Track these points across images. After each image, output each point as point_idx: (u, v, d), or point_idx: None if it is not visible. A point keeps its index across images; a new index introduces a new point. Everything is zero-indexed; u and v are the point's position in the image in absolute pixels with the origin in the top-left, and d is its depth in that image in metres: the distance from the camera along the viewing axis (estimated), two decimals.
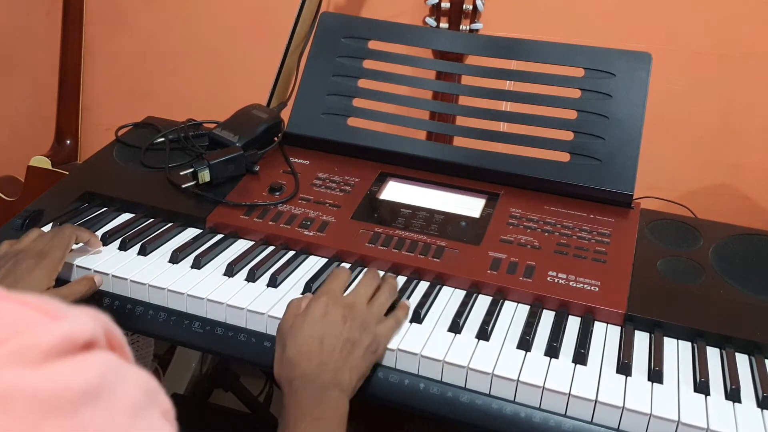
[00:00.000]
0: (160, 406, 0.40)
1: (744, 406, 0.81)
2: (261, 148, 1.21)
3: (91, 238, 1.01)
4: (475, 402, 0.83)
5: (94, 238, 1.02)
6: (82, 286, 0.95)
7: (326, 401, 0.79)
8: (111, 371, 0.37)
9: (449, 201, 1.12)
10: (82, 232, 1.00)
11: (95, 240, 1.02)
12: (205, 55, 1.80)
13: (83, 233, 1.00)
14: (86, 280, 0.96)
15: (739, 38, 1.50)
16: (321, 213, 1.09)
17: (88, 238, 1.01)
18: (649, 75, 1.12)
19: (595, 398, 0.80)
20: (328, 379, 0.81)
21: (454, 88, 1.29)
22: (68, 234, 0.96)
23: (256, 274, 0.98)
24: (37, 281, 0.89)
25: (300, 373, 0.82)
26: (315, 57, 1.26)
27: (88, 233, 1.01)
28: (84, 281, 0.96)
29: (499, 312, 0.94)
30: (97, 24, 1.81)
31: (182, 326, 0.94)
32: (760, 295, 0.96)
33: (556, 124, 1.15)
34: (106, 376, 0.37)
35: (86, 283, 0.96)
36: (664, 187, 1.49)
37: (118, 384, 0.37)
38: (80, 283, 0.96)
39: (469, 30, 1.37)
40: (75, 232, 0.98)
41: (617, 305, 0.93)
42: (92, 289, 0.96)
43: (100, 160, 1.24)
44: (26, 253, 0.93)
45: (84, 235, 1.00)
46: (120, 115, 1.42)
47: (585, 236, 1.04)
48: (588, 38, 1.23)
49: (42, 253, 0.92)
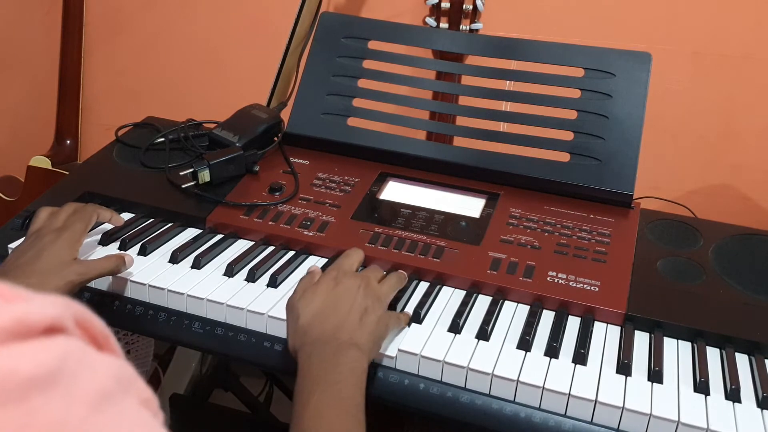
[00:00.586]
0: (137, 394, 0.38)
1: (744, 406, 0.81)
2: (261, 148, 1.21)
3: (113, 216, 1.02)
4: (475, 402, 0.83)
5: (116, 216, 1.03)
6: (111, 262, 0.93)
7: (343, 362, 0.76)
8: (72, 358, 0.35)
9: (449, 201, 1.12)
10: (104, 210, 1.01)
11: (117, 218, 1.03)
12: (205, 55, 1.80)
13: (104, 212, 1.01)
14: (117, 258, 0.94)
15: (739, 38, 1.50)
16: (321, 213, 1.09)
17: (110, 216, 1.02)
18: (649, 75, 1.12)
19: (595, 398, 0.80)
20: (345, 339, 0.78)
21: (454, 88, 1.29)
22: (90, 210, 0.97)
23: (256, 274, 0.98)
24: (59, 252, 0.89)
25: (315, 338, 0.79)
26: (315, 57, 1.26)
27: (109, 212, 1.02)
28: (114, 258, 0.94)
29: (499, 312, 0.93)
30: (97, 24, 1.81)
31: (182, 326, 0.94)
32: (760, 295, 0.96)
33: (556, 124, 1.15)
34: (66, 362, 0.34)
35: (115, 260, 0.94)
36: (664, 187, 1.50)
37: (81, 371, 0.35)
38: (109, 259, 0.94)
39: (469, 30, 1.37)
40: (96, 209, 0.99)
41: (617, 305, 0.93)
42: (120, 267, 0.94)
43: (100, 160, 1.24)
44: (48, 228, 0.94)
45: (105, 213, 1.01)
46: (120, 115, 1.42)
47: (585, 236, 1.04)
48: (588, 38, 1.23)
49: (63, 227, 0.93)
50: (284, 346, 0.90)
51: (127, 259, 0.96)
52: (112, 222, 1.03)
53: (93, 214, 0.97)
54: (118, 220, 1.03)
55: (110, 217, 1.02)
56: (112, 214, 1.02)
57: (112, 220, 1.03)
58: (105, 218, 1.01)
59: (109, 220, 1.03)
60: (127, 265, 0.96)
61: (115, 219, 1.03)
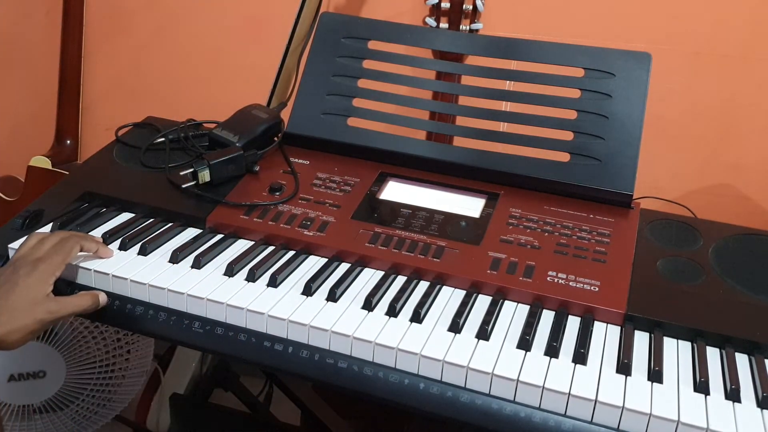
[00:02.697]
0: None
1: (744, 406, 0.81)
2: (261, 148, 1.21)
3: (99, 248, 0.99)
4: (475, 402, 0.83)
5: (103, 248, 1.00)
6: (85, 300, 0.94)
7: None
8: None
9: (449, 201, 1.12)
10: (89, 241, 0.98)
11: (104, 249, 1.00)
12: (205, 55, 1.80)
13: (89, 243, 0.98)
14: (91, 296, 0.95)
15: (739, 38, 1.50)
16: (321, 213, 1.09)
17: (96, 248, 0.99)
18: (649, 75, 1.12)
19: (595, 398, 0.80)
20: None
21: (454, 88, 1.29)
22: (72, 242, 0.95)
23: (256, 274, 0.98)
24: (31, 289, 0.89)
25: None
26: (315, 57, 1.26)
27: (95, 243, 0.99)
28: (89, 296, 0.94)
29: (499, 312, 0.94)
30: (97, 24, 1.81)
31: (182, 326, 0.94)
32: (760, 295, 0.96)
33: (556, 124, 1.15)
34: None
35: (90, 299, 0.94)
36: (664, 187, 1.50)
37: None
38: (83, 297, 0.94)
39: (469, 30, 1.38)
40: (80, 241, 0.96)
41: (617, 305, 0.93)
42: (95, 305, 0.95)
43: (100, 160, 1.24)
44: (24, 259, 0.93)
45: (90, 245, 0.98)
46: (120, 115, 1.42)
47: (585, 236, 1.04)
48: (588, 38, 1.23)
49: (40, 259, 0.92)
50: (284, 346, 0.90)
51: (102, 297, 0.96)
52: (99, 254, 1.00)
53: (75, 246, 0.95)
54: (105, 252, 1.00)
55: (96, 248, 0.99)
56: (98, 246, 0.99)
57: (98, 251, 0.99)
58: (90, 249, 0.98)
59: (95, 252, 0.99)
60: (102, 303, 0.95)
61: (102, 250, 1.00)
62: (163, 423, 1.68)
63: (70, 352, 1.45)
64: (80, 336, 1.45)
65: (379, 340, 0.87)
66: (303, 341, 0.90)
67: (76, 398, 1.50)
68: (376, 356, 0.87)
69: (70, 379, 1.47)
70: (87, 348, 1.47)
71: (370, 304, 0.93)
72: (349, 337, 0.88)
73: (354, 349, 0.88)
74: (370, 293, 0.94)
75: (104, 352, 1.49)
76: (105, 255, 1.00)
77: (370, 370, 0.87)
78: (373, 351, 0.87)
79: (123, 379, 1.55)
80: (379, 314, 0.92)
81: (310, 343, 0.90)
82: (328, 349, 0.89)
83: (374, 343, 0.87)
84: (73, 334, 1.44)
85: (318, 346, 0.90)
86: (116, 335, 1.50)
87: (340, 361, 0.88)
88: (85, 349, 1.46)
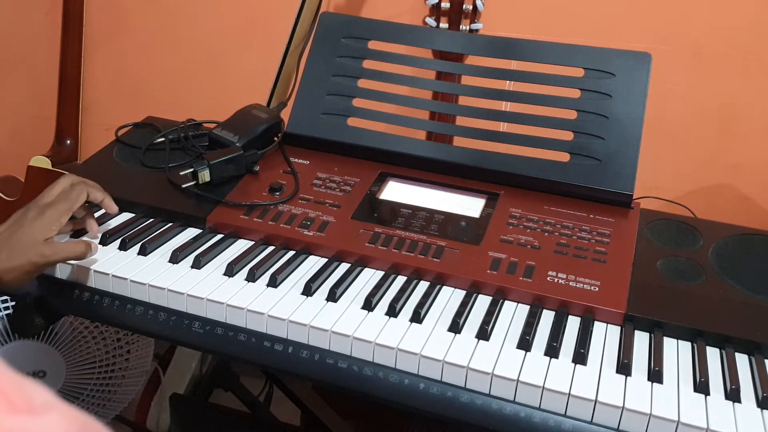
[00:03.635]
0: None
1: (744, 406, 0.81)
2: (261, 148, 1.21)
3: (106, 198, 1.02)
4: (475, 402, 0.83)
5: (109, 200, 1.02)
6: (78, 247, 0.96)
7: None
8: None
9: (449, 201, 1.12)
10: (96, 190, 1.01)
11: (110, 202, 1.03)
12: (205, 55, 1.80)
13: (97, 192, 1.01)
14: (84, 244, 0.97)
15: (739, 38, 1.50)
16: (321, 213, 1.09)
17: (102, 198, 1.02)
18: (649, 75, 1.12)
19: (595, 398, 0.80)
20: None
21: (454, 88, 1.29)
22: (79, 190, 0.98)
23: (256, 274, 0.98)
24: (33, 231, 0.92)
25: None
26: (315, 57, 1.26)
27: (102, 193, 1.02)
28: (82, 243, 0.97)
29: (499, 312, 0.94)
30: (97, 24, 1.81)
31: (182, 326, 0.94)
32: (760, 295, 0.96)
33: (556, 124, 1.15)
34: None
35: (83, 246, 0.97)
36: (664, 187, 1.50)
37: None
38: (77, 244, 0.97)
39: (468, 30, 1.37)
40: (87, 188, 0.99)
41: (617, 305, 0.93)
42: (87, 253, 0.97)
43: (100, 160, 1.24)
44: (36, 203, 0.96)
45: (97, 194, 1.01)
46: (120, 115, 1.42)
47: (585, 236, 1.04)
48: (588, 38, 1.23)
49: (48, 204, 0.95)
50: (284, 346, 0.90)
51: (93, 246, 0.98)
52: (104, 205, 1.03)
53: (82, 193, 0.98)
54: (110, 205, 1.03)
55: (102, 198, 1.02)
56: (104, 196, 1.02)
57: (104, 202, 1.02)
58: (96, 199, 1.01)
59: (100, 202, 1.02)
60: (93, 251, 0.98)
61: (107, 203, 1.02)
62: (163, 423, 1.68)
63: (70, 352, 1.45)
64: (80, 336, 1.45)
65: (379, 340, 0.87)
66: (303, 341, 0.90)
67: (76, 398, 1.49)
68: (376, 356, 0.87)
69: (70, 379, 1.47)
70: (87, 348, 1.46)
71: (370, 304, 0.93)
72: (349, 337, 0.88)
73: (354, 349, 0.88)
74: (370, 293, 0.94)
75: (104, 352, 1.49)
76: (110, 208, 1.03)
77: (370, 370, 0.87)
78: (373, 351, 0.87)
79: (123, 379, 1.55)
80: (379, 314, 0.92)
81: (310, 343, 0.90)
82: (328, 349, 0.89)
83: (374, 344, 0.87)
84: (73, 334, 1.44)
85: (318, 346, 0.90)
86: (116, 335, 1.50)
87: (340, 361, 0.88)
88: (85, 349, 1.46)
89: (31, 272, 0.93)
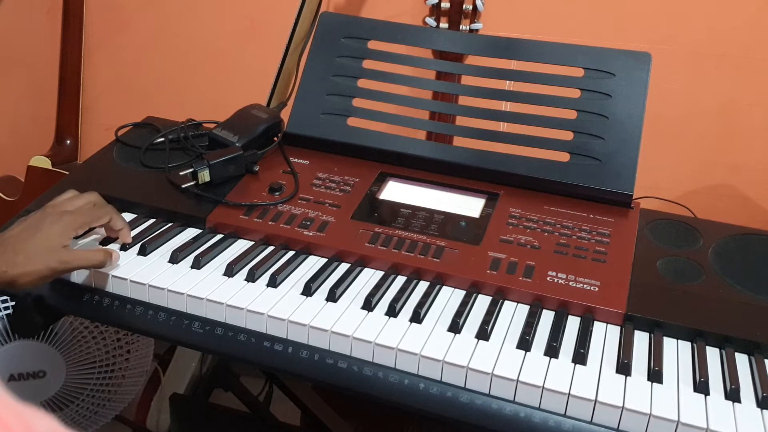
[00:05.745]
0: None
1: (744, 406, 0.81)
2: (261, 148, 1.21)
3: (124, 229, 1.01)
4: (474, 402, 0.84)
5: (127, 230, 1.01)
6: (97, 255, 0.95)
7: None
8: None
9: (449, 201, 1.12)
10: (119, 219, 1.00)
11: (127, 232, 1.01)
12: (205, 54, 1.80)
13: (119, 220, 1.00)
14: (104, 252, 0.96)
15: (739, 38, 1.50)
16: (321, 213, 1.09)
17: (121, 227, 1.00)
18: (648, 75, 1.12)
19: (595, 398, 0.80)
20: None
21: (454, 88, 1.29)
22: (104, 212, 0.97)
23: (255, 274, 0.98)
24: (52, 237, 0.91)
25: None
26: (315, 57, 1.26)
27: (122, 222, 1.00)
28: (102, 252, 0.96)
29: (498, 312, 0.94)
30: (97, 24, 1.81)
31: (182, 326, 0.94)
32: (760, 295, 0.96)
33: (556, 124, 1.15)
34: None
35: (102, 255, 0.95)
36: (664, 187, 1.50)
37: None
38: (97, 252, 0.96)
39: (469, 30, 1.37)
40: (112, 214, 0.98)
41: (617, 305, 0.93)
42: (107, 262, 0.96)
43: (100, 160, 1.24)
44: (54, 208, 0.95)
45: (118, 222, 1.00)
46: (120, 115, 1.42)
47: (585, 236, 1.04)
48: (588, 38, 1.23)
49: (69, 212, 0.94)
50: (284, 346, 0.90)
51: (114, 255, 0.97)
52: (121, 234, 1.01)
53: (105, 216, 0.97)
54: (126, 236, 1.01)
55: (121, 228, 1.00)
56: (124, 225, 1.00)
57: (122, 231, 1.00)
58: (116, 226, 0.99)
59: (118, 231, 1.00)
60: (114, 261, 0.97)
61: (124, 233, 1.01)
62: (163, 423, 1.68)
63: (70, 352, 1.45)
64: (80, 336, 1.45)
65: (378, 340, 0.87)
66: (303, 341, 0.90)
67: (76, 398, 1.49)
68: (375, 356, 0.87)
69: (70, 379, 1.47)
70: (87, 348, 1.46)
71: (369, 304, 0.93)
72: (349, 338, 0.88)
73: (354, 349, 0.88)
74: (370, 293, 0.94)
75: (104, 352, 1.49)
76: (125, 238, 1.02)
77: (370, 371, 0.87)
78: (373, 351, 0.87)
79: (123, 379, 1.55)
80: (379, 314, 0.92)
81: (310, 344, 0.90)
82: (327, 349, 0.89)
83: (374, 344, 0.87)
84: (73, 334, 1.44)
85: (318, 346, 0.90)
86: (116, 335, 1.50)
87: (340, 361, 0.88)
88: (85, 349, 1.46)
89: (47, 277, 0.92)
